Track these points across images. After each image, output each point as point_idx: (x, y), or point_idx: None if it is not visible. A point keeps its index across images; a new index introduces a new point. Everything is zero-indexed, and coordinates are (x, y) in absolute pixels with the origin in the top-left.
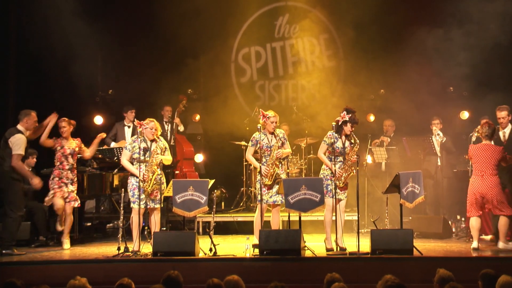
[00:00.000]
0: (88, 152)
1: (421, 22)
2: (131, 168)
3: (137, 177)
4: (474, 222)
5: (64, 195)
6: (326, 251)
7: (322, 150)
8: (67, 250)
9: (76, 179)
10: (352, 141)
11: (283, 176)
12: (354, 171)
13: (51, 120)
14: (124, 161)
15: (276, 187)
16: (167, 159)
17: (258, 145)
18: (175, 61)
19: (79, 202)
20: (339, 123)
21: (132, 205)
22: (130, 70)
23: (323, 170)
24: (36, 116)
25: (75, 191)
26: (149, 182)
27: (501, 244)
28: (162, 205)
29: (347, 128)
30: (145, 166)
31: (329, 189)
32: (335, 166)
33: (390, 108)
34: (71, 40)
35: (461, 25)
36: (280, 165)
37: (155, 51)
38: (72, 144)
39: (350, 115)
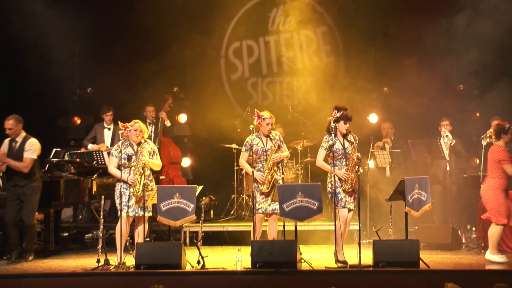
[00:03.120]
0: None
1: (428, 12)
2: (119, 175)
3: (125, 182)
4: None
5: None
6: (340, 263)
7: (320, 156)
8: (42, 263)
9: None
10: (352, 140)
11: (281, 182)
12: (360, 169)
13: None
14: (112, 168)
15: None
16: (155, 163)
17: (253, 150)
18: (159, 56)
19: None
20: (332, 123)
21: (119, 213)
22: (110, 67)
23: (329, 178)
24: None
25: None
26: (137, 186)
27: (487, 254)
28: (151, 214)
29: (342, 127)
30: (132, 170)
31: (339, 198)
32: (340, 171)
33: (394, 107)
34: (45, 33)
35: (472, 16)
36: (278, 170)
37: (137, 45)
38: None
39: (341, 112)
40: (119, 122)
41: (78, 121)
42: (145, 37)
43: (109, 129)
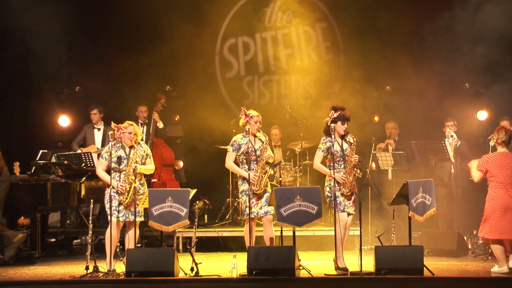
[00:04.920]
0: None
1: (432, 6)
2: (108, 179)
3: (113, 188)
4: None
5: None
6: (340, 270)
7: (318, 158)
8: (28, 270)
9: None
10: (351, 141)
11: (269, 185)
12: (358, 171)
13: None
14: (100, 171)
15: (265, 196)
16: (148, 168)
17: (242, 150)
18: (150, 53)
19: None
20: (329, 124)
21: (109, 218)
22: (99, 64)
23: (327, 182)
24: None
25: None
26: (126, 194)
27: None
28: (143, 218)
29: (340, 127)
30: (122, 176)
31: (338, 201)
32: (339, 173)
33: (396, 107)
34: (30, 30)
35: (479, 10)
36: (270, 169)
37: (128, 42)
38: None
39: (338, 112)
40: (112, 122)
41: (66, 122)
42: (135, 33)
43: (99, 129)
